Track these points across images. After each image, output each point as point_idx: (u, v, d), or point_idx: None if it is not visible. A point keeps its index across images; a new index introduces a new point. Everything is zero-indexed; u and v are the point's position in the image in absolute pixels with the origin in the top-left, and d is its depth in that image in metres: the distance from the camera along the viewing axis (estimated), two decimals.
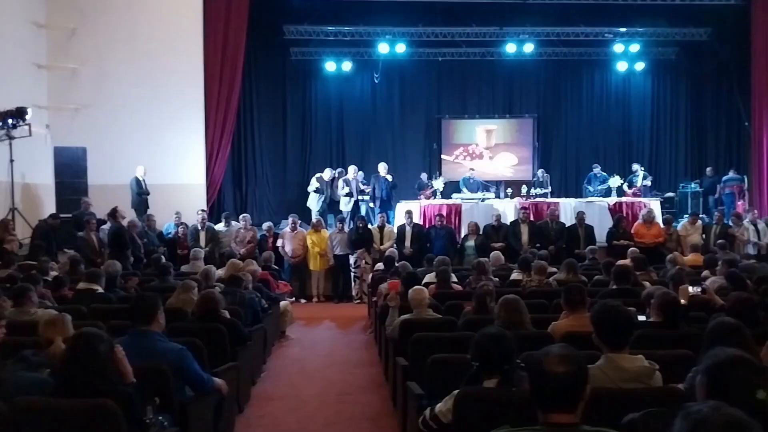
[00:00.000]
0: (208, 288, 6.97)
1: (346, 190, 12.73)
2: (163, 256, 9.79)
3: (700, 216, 12.64)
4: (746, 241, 10.42)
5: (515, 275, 8.14)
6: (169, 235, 11.50)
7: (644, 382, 3.13)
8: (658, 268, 8.63)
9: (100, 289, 6.88)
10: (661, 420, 2.56)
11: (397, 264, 8.55)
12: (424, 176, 14.62)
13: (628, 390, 3.07)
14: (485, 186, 14.55)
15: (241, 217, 11.63)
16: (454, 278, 8.05)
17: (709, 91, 16.89)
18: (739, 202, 14.16)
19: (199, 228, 11.20)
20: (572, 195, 15.24)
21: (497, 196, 14.03)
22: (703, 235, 11.10)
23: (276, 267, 10.14)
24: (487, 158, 17.30)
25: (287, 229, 11.25)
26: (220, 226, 11.60)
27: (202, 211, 11.43)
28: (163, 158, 12.71)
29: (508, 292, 7.31)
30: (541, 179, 15.03)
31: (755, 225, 10.97)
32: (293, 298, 10.62)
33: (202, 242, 11.05)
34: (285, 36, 15.44)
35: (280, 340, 8.42)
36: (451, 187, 14.95)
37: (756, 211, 11.93)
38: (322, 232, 11.35)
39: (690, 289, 5.30)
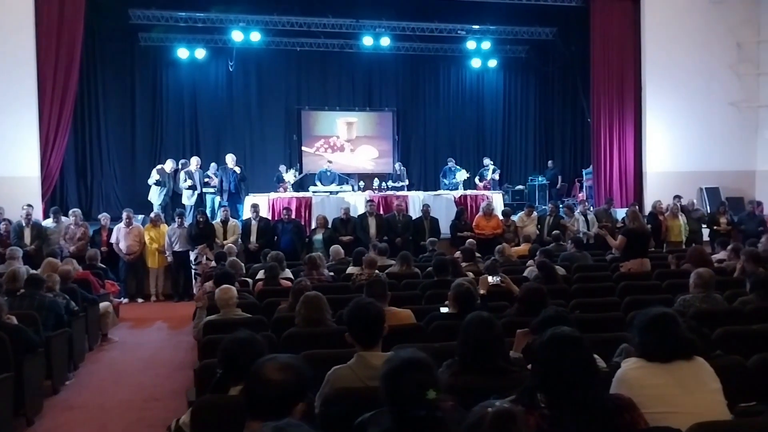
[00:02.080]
0: (14, 291, 6.46)
1: (189, 182, 12.21)
2: None
3: (542, 207, 13.22)
4: (576, 232, 10.97)
5: (350, 269, 8.09)
6: None
7: None
8: None
9: None
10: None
11: (228, 260, 8.20)
12: (282, 168, 14.34)
13: (372, 388, 3.01)
14: (343, 179, 14.49)
15: (70, 212, 10.82)
16: (288, 274, 7.90)
17: (556, 89, 17.77)
18: (579, 194, 14.99)
19: (24, 224, 10.32)
20: (431, 188, 15.54)
21: (354, 189, 13.99)
22: (539, 226, 11.59)
23: (102, 266, 9.51)
24: (349, 151, 17.30)
25: (121, 224, 10.59)
26: (48, 222, 10.75)
27: (28, 206, 10.50)
28: None
29: (340, 286, 7.32)
30: (398, 172, 15.20)
31: (585, 216, 11.59)
32: (122, 299, 10.03)
33: (27, 240, 10.21)
34: (131, 20, 14.58)
35: (101, 343, 7.90)
36: (312, 180, 14.80)
37: (586, 203, 12.61)
38: (161, 227, 10.80)
39: (490, 279, 5.42)
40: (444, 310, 5.11)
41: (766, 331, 4.40)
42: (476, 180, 15.14)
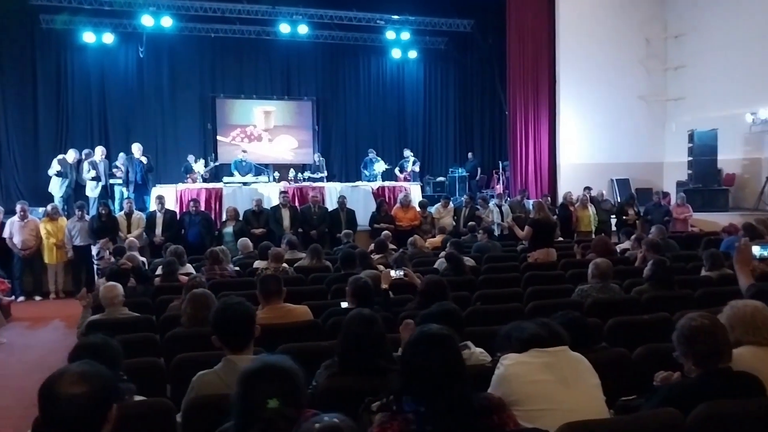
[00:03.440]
0: None
1: (93, 173, 11.57)
2: None
3: (459, 199, 13.26)
4: (491, 223, 11.06)
5: (257, 263, 7.81)
6: None
7: None
8: None
9: None
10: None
11: (126, 254, 7.78)
12: (191, 158, 13.82)
13: None
14: (260, 169, 14.10)
15: None
16: (189, 269, 7.56)
17: (475, 81, 17.90)
18: (497, 185, 15.16)
19: None
20: (353, 179, 15.38)
21: (269, 180, 13.63)
22: (455, 218, 11.61)
23: None
24: (267, 140, 16.91)
25: (15, 218, 9.91)
26: None
27: None
28: None
29: (243, 282, 7.04)
30: (317, 163, 14.94)
31: (500, 207, 11.68)
32: (14, 296, 9.41)
33: None
34: (31, 1, 13.72)
35: None
36: (228, 170, 14.35)
37: (503, 194, 12.73)
38: (59, 221, 10.16)
39: (393, 273, 5.29)
40: (345, 305, 4.96)
41: (657, 321, 4.43)
42: (396, 171, 15.07)
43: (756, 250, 4.01)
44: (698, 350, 2.60)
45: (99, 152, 12.00)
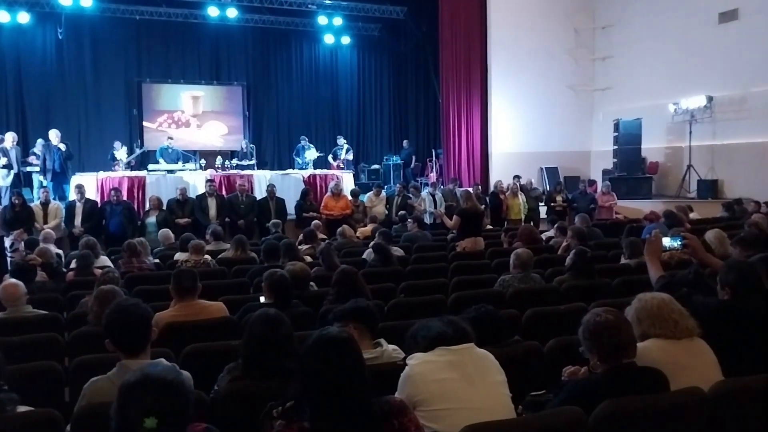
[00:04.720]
0: None
1: (4, 161, 10.97)
2: None
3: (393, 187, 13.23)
4: (423, 211, 11.05)
5: (177, 255, 7.55)
6: None
7: None
8: None
9: None
10: None
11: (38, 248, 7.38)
12: (117, 145, 13.26)
13: None
14: (187, 156, 13.65)
15: None
16: (105, 261, 7.25)
17: (409, 69, 17.85)
18: (431, 173, 15.20)
19: None
20: (286, 166, 15.18)
21: (196, 168, 13.20)
22: (388, 206, 11.57)
23: None
24: (195, 126, 16.43)
25: None
26: None
27: None
28: None
29: (162, 275, 6.76)
30: (245, 150, 14.59)
31: (434, 196, 11.69)
32: None
33: None
34: None
35: None
36: (154, 158, 13.86)
37: (434, 182, 12.77)
38: None
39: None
40: (263, 299, 4.81)
41: (574, 311, 4.45)
42: (330, 159, 14.90)
43: (666, 241, 4.06)
44: (603, 346, 2.59)
45: (10, 138, 11.36)
